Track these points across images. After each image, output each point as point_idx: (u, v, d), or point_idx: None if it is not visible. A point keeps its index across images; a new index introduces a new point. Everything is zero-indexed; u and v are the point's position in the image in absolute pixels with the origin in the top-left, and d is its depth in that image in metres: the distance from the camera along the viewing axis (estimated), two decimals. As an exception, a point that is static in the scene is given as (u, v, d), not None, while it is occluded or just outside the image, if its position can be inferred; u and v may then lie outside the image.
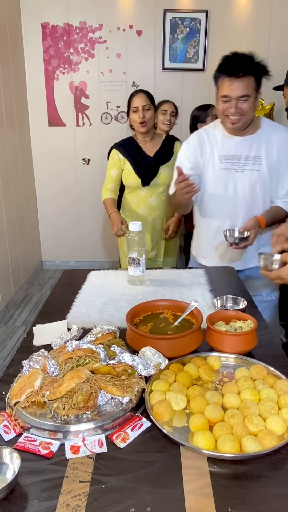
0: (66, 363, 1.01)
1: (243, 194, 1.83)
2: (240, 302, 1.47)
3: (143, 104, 2.34)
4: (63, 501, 0.74)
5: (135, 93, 2.39)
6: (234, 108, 1.65)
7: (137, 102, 2.35)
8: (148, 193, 2.48)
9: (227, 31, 3.79)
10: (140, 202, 2.50)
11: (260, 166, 1.78)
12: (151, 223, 2.53)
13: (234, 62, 1.63)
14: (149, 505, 0.74)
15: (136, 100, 2.35)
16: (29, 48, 3.93)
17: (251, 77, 1.63)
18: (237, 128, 1.72)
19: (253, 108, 1.68)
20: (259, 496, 0.76)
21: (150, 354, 1.08)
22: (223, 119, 1.74)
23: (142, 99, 2.35)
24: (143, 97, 2.36)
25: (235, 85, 1.61)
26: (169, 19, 3.78)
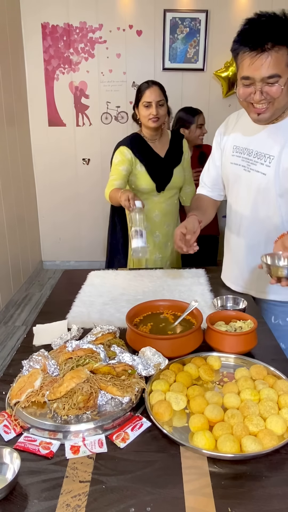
0: (66, 363, 1.01)
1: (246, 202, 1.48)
2: (240, 302, 1.47)
3: (158, 100, 2.05)
4: (63, 501, 0.74)
5: (148, 85, 2.07)
6: (259, 93, 1.20)
7: (150, 96, 2.04)
8: (162, 197, 2.24)
9: (227, 31, 3.78)
10: (155, 207, 2.24)
11: (269, 168, 1.36)
12: (166, 229, 2.29)
13: (258, 28, 1.20)
14: (149, 505, 0.74)
15: (150, 95, 2.04)
16: (29, 48, 3.93)
17: (283, 49, 1.15)
18: (264, 119, 1.28)
19: (287, 92, 1.22)
20: (259, 496, 0.76)
21: (150, 354, 1.08)
22: (246, 108, 1.31)
23: (156, 93, 2.05)
24: (157, 91, 2.06)
25: (259, 62, 1.16)
26: (169, 19, 3.78)
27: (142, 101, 2.08)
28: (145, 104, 2.06)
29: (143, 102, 2.07)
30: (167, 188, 2.20)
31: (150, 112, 2.06)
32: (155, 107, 2.05)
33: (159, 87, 2.09)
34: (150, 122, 2.09)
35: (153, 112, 2.06)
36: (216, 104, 3.99)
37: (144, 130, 2.17)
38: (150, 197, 2.21)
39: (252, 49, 1.16)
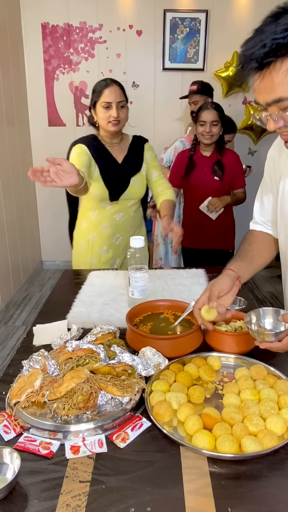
0: (66, 363, 1.01)
1: None
2: (240, 302, 1.47)
3: (118, 100, 1.84)
4: (63, 501, 0.74)
5: (106, 83, 1.84)
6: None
7: (110, 96, 1.81)
8: (114, 208, 1.99)
9: (227, 31, 3.79)
10: (104, 218, 2.00)
11: None
12: (114, 243, 2.06)
13: None
14: (149, 505, 0.74)
15: (109, 94, 1.81)
16: (29, 48, 3.93)
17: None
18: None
19: None
20: (259, 496, 0.76)
21: (150, 354, 1.08)
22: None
23: (116, 93, 1.83)
24: (117, 91, 1.84)
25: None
26: (169, 19, 3.78)
27: (100, 102, 1.84)
28: (104, 104, 1.82)
29: (101, 102, 1.83)
30: (122, 198, 1.98)
31: (110, 114, 1.83)
32: (115, 108, 1.83)
33: (120, 87, 1.87)
34: (110, 125, 1.85)
35: (114, 114, 1.83)
36: (216, 104, 3.99)
37: (103, 133, 1.94)
38: (101, 206, 1.98)
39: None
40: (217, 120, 2.45)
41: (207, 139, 2.49)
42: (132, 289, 1.43)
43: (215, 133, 2.47)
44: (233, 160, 2.59)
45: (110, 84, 1.84)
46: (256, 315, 1.12)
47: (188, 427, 0.89)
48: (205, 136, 2.48)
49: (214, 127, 2.46)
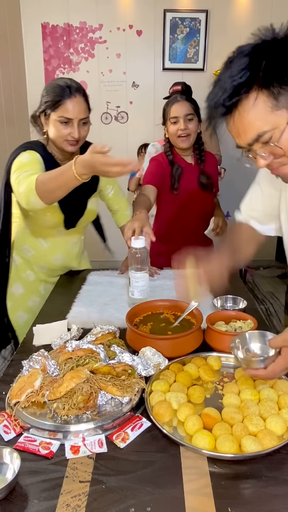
0: (66, 363, 1.01)
1: None
2: (240, 302, 1.47)
3: (81, 117, 1.50)
4: (63, 501, 0.74)
5: (70, 92, 1.47)
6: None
7: (72, 112, 1.48)
8: (69, 236, 1.73)
9: (227, 31, 3.79)
10: (57, 249, 1.72)
11: None
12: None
13: None
14: (149, 505, 0.74)
15: (72, 109, 1.47)
16: (29, 48, 3.93)
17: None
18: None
19: None
20: (259, 496, 0.76)
21: (150, 354, 1.08)
22: None
23: (80, 108, 1.50)
24: (81, 105, 1.50)
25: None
26: (169, 19, 3.78)
27: (57, 115, 1.47)
28: (63, 119, 1.47)
29: (59, 116, 1.46)
30: (79, 223, 1.70)
31: (69, 132, 1.48)
32: (76, 127, 1.48)
33: (84, 98, 1.51)
34: (66, 144, 1.51)
35: (74, 135, 1.48)
36: (216, 104, 3.99)
37: (53, 147, 1.59)
38: (53, 235, 1.69)
39: None
40: (192, 113, 1.89)
41: (184, 141, 1.90)
42: (132, 289, 1.42)
43: (193, 131, 1.90)
44: (214, 164, 2.11)
45: (74, 94, 1.45)
46: (242, 339, 1.03)
47: (188, 427, 0.89)
48: (181, 138, 1.90)
49: (190, 122, 1.88)
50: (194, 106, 1.92)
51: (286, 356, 0.88)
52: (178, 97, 1.91)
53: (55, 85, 1.49)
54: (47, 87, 1.52)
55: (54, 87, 1.48)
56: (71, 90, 1.46)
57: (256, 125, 0.83)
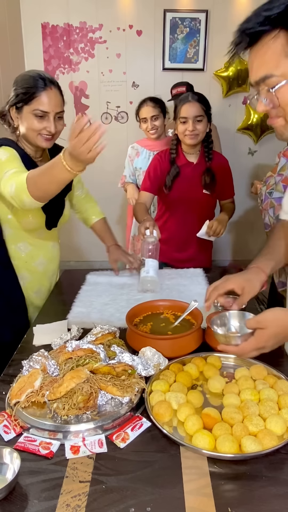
0: (66, 363, 1.01)
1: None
2: (240, 302, 1.46)
3: (57, 111, 1.44)
4: (63, 501, 0.74)
5: (44, 84, 1.40)
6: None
7: (48, 104, 1.41)
8: (49, 237, 1.67)
9: (227, 31, 3.78)
10: (39, 252, 1.63)
11: None
12: (49, 282, 1.74)
13: None
14: (149, 505, 0.74)
15: (48, 102, 1.41)
16: (29, 48, 3.93)
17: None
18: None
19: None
20: (259, 496, 0.76)
21: (150, 354, 1.08)
22: None
23: (57, 100, 1.45)
24: (57, 97, 1.45)
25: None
26: (169, 19, 3.78)
27: (31, 108, 1.38)
28: (38, 113, 1.39)
29: (33, 109, 1.38)
30: (58, 224, 1.65)
31: (45, 126, 1.40)
32: (52, 120, 1.41)
33: (59, 91, 1.46)
34: (40, 139, 1.43)
35: (50, 129, 1.41)
36: (216, 104, 3.98)
37: (25, 144, 1.49)
38: (33, 238, 1.59)
39: None
40: (202, 115, 1.91)
41: (192, 139, 1.94)
42: (144, 276, 1.57)
43: (201, 131, 1.93)
44: (223, 165, 2.09)
45: (49, 86, 1.38)
46: (223, 318, 1.07)
47: (188, 427, 0.89)
48: (189, 136, 1.93)
49: (198, 123, 1.91)
50: (205, 106, 1.94)
51: (258, 338, 0.91)
52: (189, 97, 1.93)
53: (27, 76, 1.39)
54: (18, 78, 1.41)
55: (26, 79, 1.38)
56: (46, 81, 1.38)
57: (268, 65, 0.82)
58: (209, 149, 2.03)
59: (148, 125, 2.59)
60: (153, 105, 2.57)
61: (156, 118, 2.56)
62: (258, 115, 3.92)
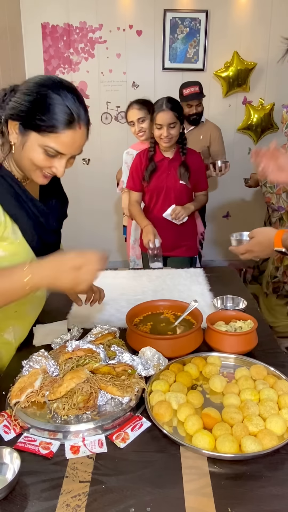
0: (66, 363, 1.01)
1: None
2: (240, 302, 1.47)
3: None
4: (63, 501, 0.74)
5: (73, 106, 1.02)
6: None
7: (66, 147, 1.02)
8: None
9: (227, 31, 3.79)
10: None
11: None
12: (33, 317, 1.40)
13: None
14: (149, 505, 0.74)
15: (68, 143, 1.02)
16: (29, 48, 3.93)
17: None
18: None
19: None
20: (259, 496, 0.76)
21: (150, 354, 1.08)
22: None
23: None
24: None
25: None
26: (169, 19, 3.78)
27: (46, 143, 0.99)
28: (51, 151, 1.01)
29: (47, 145, 1.00)
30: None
31: (52, 166, 1.04)
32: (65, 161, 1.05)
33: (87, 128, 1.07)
34: (39, 175, 1.07)
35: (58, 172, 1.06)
36: (216, 104, 3.99)
37: (13, 166, 1.11)
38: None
39: None
40: (174, 122, 2.17)
41: (166, 143, 2.21)
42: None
43: (174, 135, 2.20)
44: (196, 160, 2.36)
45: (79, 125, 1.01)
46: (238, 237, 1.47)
47: (188, 427, 0.89)
48: (164, 140, 2.20)
49: (172, 129, 2.17)
50: (177, 113, 2.19)
51: (249, 243, 1.33)
52: (164, 106, 2.16)
53: (59, 100, 0.97)
54: (42, 91, 0.97)
55: (53, 104, 0.97)
56: (80, 118, 1.01)
57: None
58: (183, 145, 2.29)
59: (135, 128, 2.57)
60: (139, 107, 2.54)
61: (143, 120, 2.52)
62: (258, 115, 3.92)
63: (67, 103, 0.98)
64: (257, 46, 3.81)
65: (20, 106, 0.99)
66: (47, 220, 1.19)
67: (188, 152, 2.31)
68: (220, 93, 3.98)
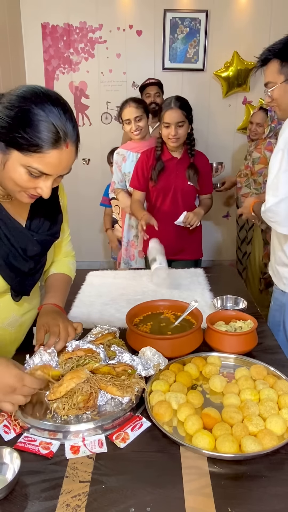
0: (66, 363, 1.01)
1: None
2: (240, 302, 1.47)
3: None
4: (63, 501, 0.74)
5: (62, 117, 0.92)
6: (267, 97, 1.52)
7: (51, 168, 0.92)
8: (23, 305, 1.22)
9: (227, 31, 3.79)
10: (9, 309, 1.17)
11: None
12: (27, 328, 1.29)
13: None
14: (149, 505, 0.74)
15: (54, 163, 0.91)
16: (29, 48, 3.93)
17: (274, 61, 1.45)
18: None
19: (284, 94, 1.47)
20: (259, 496, 0.76)
21: (150, 354, 1.08)
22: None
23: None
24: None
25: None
26: (169, 19, 3.78)
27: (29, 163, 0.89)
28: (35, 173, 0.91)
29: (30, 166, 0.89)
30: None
31: (36, 187, 0.94)
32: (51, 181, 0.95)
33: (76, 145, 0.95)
34: (24, 196, 0.97)
35: (43, 193, 0.95)
36: (216, 104, 3.99)
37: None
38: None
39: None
40: (183, 121, 2.09)
41: (174, 142, 2.13)
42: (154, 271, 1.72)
43: (182, 135, 2.12)
44: (204, 163, 2.29)
45: (66, 143, 0.91)
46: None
47: (188, 427, 0.89)
48: (171, 140, 2.12)
49: (180, 128, 2.09)
50: (186, 112, 2.11)
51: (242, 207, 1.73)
52: (172, 104, 2.08)
53: (43, 116, 0.87)
54: (23, 107, 0.88)
55: (40, 119, 0.87)
56: (67, 136, 0.90)
57: (269, 76, 1.47)
58: (191, 146, 2.21)
59: (132, 126, 2.48)
60: (136, 106, 2.46)
61: (140, 119, 2.46)
62: (258, 115, 3.92)
63: (52, 119, 0.87)
64: (257, 46, 3.79)
65: (1, 122, 0.88)
66: (25, 244, 1.06)
67: (196, 153, 2.25)
68: (220, 93, 3.98)
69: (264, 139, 2.96)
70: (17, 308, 1.19)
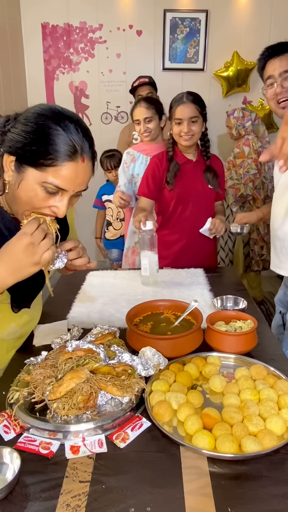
0: (66, 363, 1.01)
1: None
2: (240, 302, 1.47)
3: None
4: (63, 501, 0.74)
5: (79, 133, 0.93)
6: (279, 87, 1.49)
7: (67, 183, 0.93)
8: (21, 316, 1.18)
9: (227, 31, 3.79)
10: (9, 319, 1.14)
11: None
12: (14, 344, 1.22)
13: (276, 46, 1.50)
14: (149, 505, 0.74)
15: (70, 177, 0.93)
16: (29, 48, 3.93)
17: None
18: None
19: None
20: (259, 496, 0.76)
21: (150, 354, 1.08)
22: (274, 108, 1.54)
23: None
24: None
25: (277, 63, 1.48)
26: (169, 19, 3.78)
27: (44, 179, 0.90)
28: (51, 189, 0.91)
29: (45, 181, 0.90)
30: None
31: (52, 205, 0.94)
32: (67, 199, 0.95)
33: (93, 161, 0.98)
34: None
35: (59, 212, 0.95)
36: (216, 104, 3.99)
37: (5, 204, 1.02)
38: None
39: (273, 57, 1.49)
40: (196, 116, 1.89)
41: (186, 140, 1.92)
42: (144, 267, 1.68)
43: (196, 132, 1.91)
44: (219, 166, 2.10)
45: (83, 157, 0.93)
46: None
47: (188, 427, 0.89)
48: (184, 137, 1.91)
49: (193, 124, 1.90)
50: (200, 107, 1.91)
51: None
52: (184, 98, 1.90)
53: (60, 131, 0.89)
54: (40, 119, 0.90)
55: (57, 133, 0.88)
56: (84, 151, 0.92)
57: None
58: (206, 147, 2.02)
59: (141, 127, 2.36)
60: (147, 106, 2.34)
61: (150, 120, 2.33)
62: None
63: (68, 133, 0.89)
64: (257, 46, 3.80)
65: (17, 137, 0.90)
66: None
67: (212, 156, 2.06)
68: (220, 93, 3.98)
69: (243, 136, 3.28)
70: (17, 319, 1.16)
